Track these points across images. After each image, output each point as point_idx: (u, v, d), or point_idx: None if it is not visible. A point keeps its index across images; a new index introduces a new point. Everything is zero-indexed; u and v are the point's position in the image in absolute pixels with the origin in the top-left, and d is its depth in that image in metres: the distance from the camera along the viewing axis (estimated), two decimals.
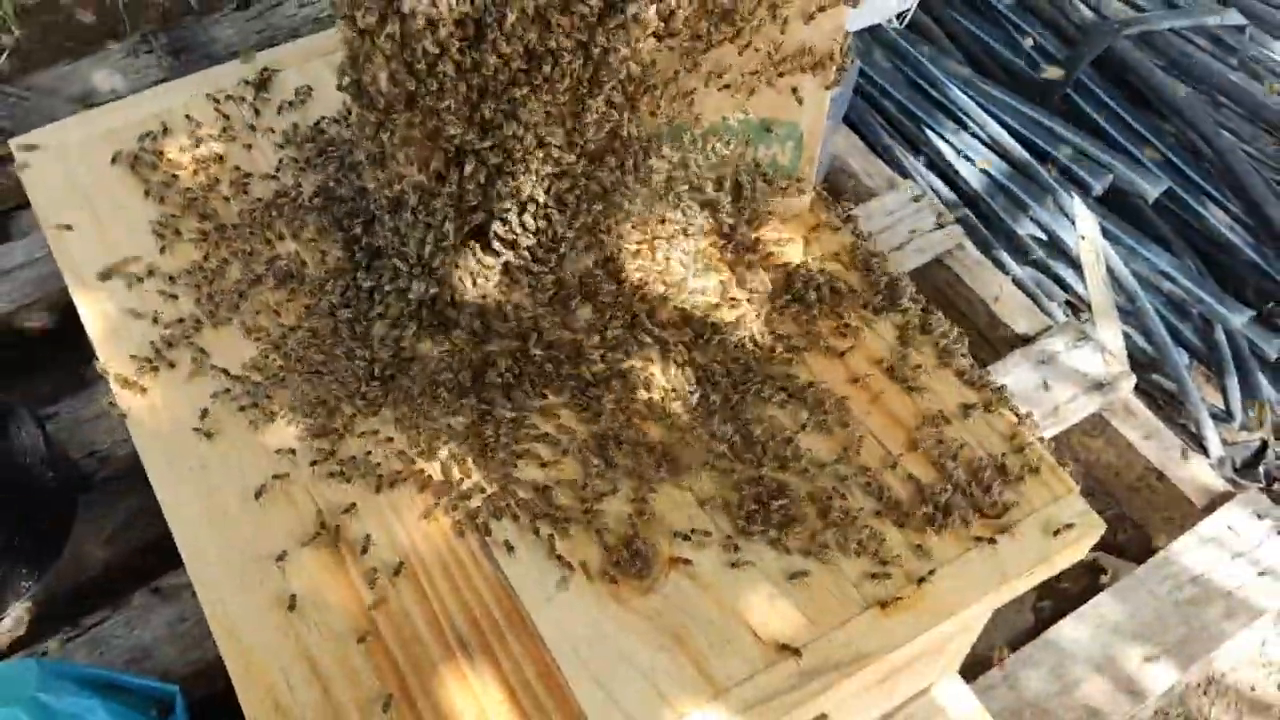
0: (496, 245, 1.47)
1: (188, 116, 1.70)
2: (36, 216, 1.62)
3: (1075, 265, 2.51)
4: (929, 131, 2.67)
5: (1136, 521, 2.28)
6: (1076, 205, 2.51)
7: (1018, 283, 2.50)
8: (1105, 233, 2.52)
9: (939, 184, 2.64)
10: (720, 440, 1.42)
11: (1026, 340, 2.30)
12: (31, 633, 1.92)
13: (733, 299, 1.56)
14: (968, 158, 2.63)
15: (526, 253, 1.48)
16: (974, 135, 2.65)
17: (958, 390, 1.49)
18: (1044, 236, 2.56)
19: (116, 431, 2.06)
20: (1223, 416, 2.42)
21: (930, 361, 1.52)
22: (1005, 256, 2.54)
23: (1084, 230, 2.49)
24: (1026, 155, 2.58)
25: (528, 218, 1.44)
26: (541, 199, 1.42)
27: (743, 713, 1.22)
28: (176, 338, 1.48)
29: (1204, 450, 2.36)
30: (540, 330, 1.49)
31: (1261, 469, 2.45)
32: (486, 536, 1.32)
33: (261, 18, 2.86)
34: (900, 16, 2.66)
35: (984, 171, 2.58)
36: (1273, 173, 2.51)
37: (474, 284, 1.48)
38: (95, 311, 1.51)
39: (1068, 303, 2.53)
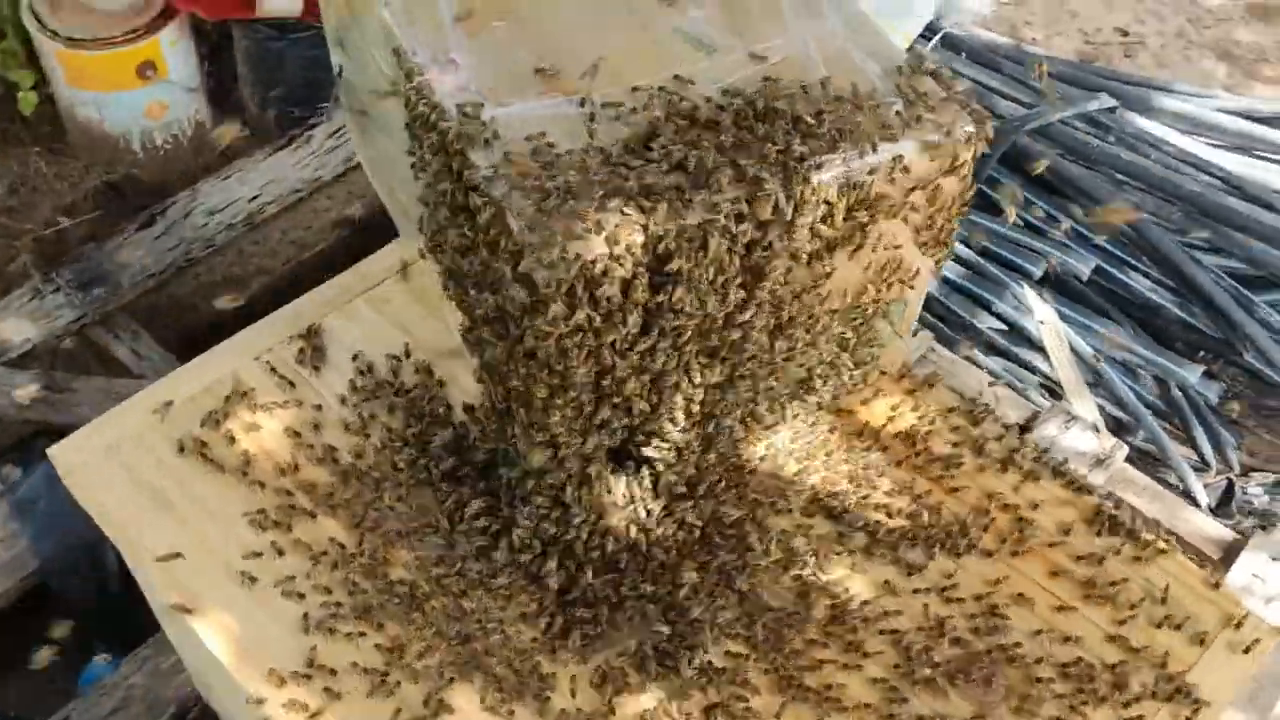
0: (647, 466, 1.43)
1: (241, 392, 1.54)
2: (102, 528, 1.43)
3: (1038, 349, 2.66)
4: None
5: None
6: (1028, 293, 2.67)
7: (992, 374, 2.62)
8: (1058, 314, 2.68)
9: None
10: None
11: (1024, 429, 2.40)
12: None
13: (861, 483, 1.58)
14: None
15: (672, 476, 1.45)
16: None
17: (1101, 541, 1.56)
18: (1004, 327, 2.70)
19: None
20: (1199, 466, 2.60)
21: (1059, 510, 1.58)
22: (974, 352, 2.66)
23: (1042, 315, 2.65)
24: (971, 253, 2.73)
25: (675, 435, 1.41)
26: (685, 419, 1.40)
27: None
28: (320, 645, 1.33)
29: (1193, 502, 2.53)
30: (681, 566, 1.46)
31: (1234, 505, 2.65)
32: None
33: (170, 233, 2.67)
34: None
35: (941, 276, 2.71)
36: (1181, 236, 2.75)
37: (621, 521, 1.43)
38: (218, 628, 1.34)
39: (1041, 385, 2.67)
